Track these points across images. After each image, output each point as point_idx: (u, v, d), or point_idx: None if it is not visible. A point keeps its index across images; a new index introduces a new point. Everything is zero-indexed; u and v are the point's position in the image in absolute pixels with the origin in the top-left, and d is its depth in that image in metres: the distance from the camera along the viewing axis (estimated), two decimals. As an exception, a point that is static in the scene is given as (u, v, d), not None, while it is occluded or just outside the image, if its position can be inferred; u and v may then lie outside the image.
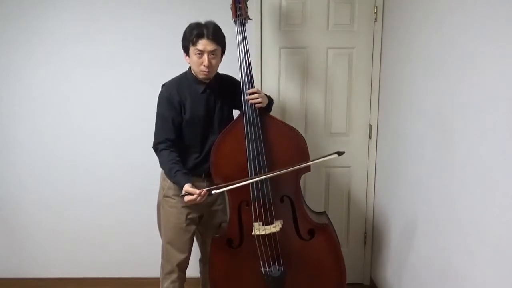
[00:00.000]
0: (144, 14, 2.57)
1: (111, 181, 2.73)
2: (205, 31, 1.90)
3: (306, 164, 1.93)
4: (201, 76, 1.99)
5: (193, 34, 1.91)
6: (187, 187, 1.87)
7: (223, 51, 2.01)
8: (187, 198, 1.86)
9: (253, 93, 1.96)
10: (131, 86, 2.64)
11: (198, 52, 1.92)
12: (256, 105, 1.96)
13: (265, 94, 2.07)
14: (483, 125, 1.47)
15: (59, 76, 2.63)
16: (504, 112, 1.35)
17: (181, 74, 2.10)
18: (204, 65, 1.92)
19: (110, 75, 2.63)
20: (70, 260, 2.82)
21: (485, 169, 1.45)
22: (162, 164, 2.01)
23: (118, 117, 2.67)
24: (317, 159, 1.94)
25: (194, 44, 1.91)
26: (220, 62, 2.03)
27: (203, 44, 1.90)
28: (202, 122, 2.04)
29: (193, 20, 1.99)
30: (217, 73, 2.11)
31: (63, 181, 2.73)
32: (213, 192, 1.85)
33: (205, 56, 1.91)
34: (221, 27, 2.00)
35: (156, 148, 2.03)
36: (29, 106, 2.67)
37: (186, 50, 1.98)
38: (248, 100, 1.96)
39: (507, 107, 1.33)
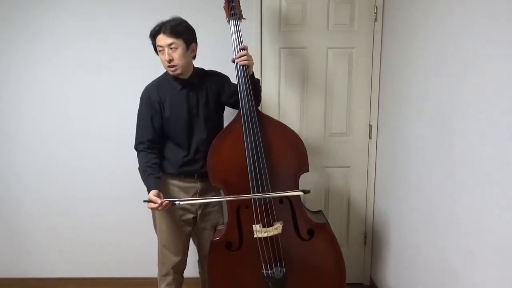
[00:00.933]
0: (144, 14, 2.56)
1: (111, 181, 2.73)
2: (162, 28, 1.92)
3: (279, 194, 1.98)
4: (170, 72, 1.98)
5: (152, 33, 1.95)
6: (151, 194, 1.88)
7: (188, 42, 1.95)
8: (149, 205, 1.88)
9: (242, 55, 1.95)
10: (131, 86, 2.63)
11: (160, 48, 1.94)
12: (241, 62, 1.94)
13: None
14: (483, 125, 1.47)
15: (59, 76, 2.63)
16: (504, 112, 1.35)
17: (161, 75, 2.10)
18: (166, 60, 1.93)
19: (110, 75, 2.63)
20: (70, 260, 2.82)
21: (485, 169, 1.45)
22: (139, 165, 2.02)
23: (118, 116, 2.67)
24: (282, 193, 1.98)
25: (155, 42, 1.95)
26: (191, 55, 2.00)
27: (160, 39, 1.92)
28: (185, 119, 2.02)
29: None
30: (202, 69, 2.10)
31: (63, 181, 2.73)
32: (176, 203, 1.88)
33: (166, 50, 1.91)
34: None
35: (136, 148, 2.05)
36: (29, 106, 2.67)
37: (156, 51, 2.00)
38: (236, 59, 1.95)
39: (507, 107, 1.33)
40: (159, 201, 1.85)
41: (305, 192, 1.90)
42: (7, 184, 2.75)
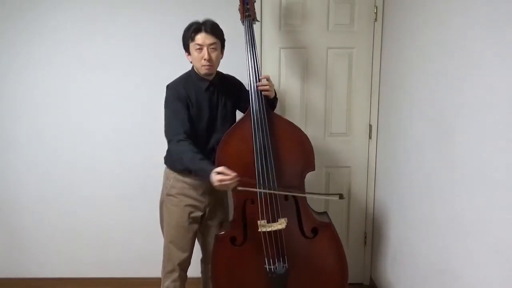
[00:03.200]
0: (144, 14, 2.57)
1: (111, 181, 2.73)
2: (202, 26, 1.95)
3: (304, 194, 2.00)
4: (203, 71, 2.00)
5: (191, 30, 1.96)
6: (223, 168, 1.78)
7: (222, 45, 2.03)
8: (219, 177, 1.76)
9: (264, 84, 1.98)
10: (131, 85, 2.64)
11: (198, 47, 1.95)
12: (263, 92, 1.98)
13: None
14: (483, 125, 1.47)
15: (59, 76, 2.63)
16: (504, 112, 1.35)
17: (184, 74, 2.12)
18: (204, 59, 1.95)
19: (110, 75, 2.63)
20: (70, 260, 2.82)
21: (485, 169, 1.46)
22: (182, 153, 1.91)
23: (118, 116, 2.67)
24: (317, 194, 2.01)
25: (193, 39, 1.95)
26: (221, 58, 2.05)
27: (202, 38, 1.94)
28: (206, 119, 2.06)
29: (192, 20, 2.00)
30: (221, 72, 2.15)
31: (63, 181, 2.73)
32: (238, 188, 1.80)
33: (205, 50, 1.95)
34: (221, 28, 2.02)
35: (171, 139, 1.95)
36: (29, 106, 2.67)
37: (187, 48, 2.01)
38: (258, 86, 1.98)
39: (507, 107, 1.33)
40: (233, 173, 1.76)
41: (341, 197, 1.91)
42: (7, 184, 2.75)
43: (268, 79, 2.02)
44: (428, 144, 1.91)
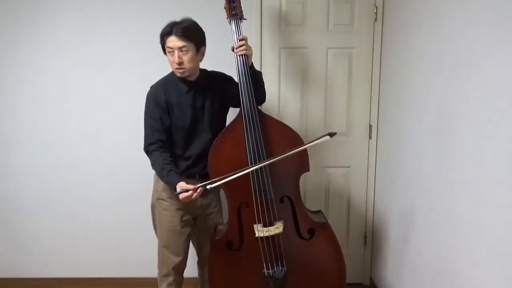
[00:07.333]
0: (144, 14, 2.57)
1: (111, 181, 2.73)
2: (174, 29, 1.88)
3: (302, 148, 1.89)
4: (177, 74, 1.97)
5: (163, 33, 1.92)
6: (182, 183, 1.83)
7: (198, 46, 1.95)
8: (182, 195, 1.80)
9: (241, 45, 1.95)
10: (130, 86, 2.64)
11: (170, 50, 1.91)
12: (239, 53, 1.95)
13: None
14: (483, 125, 1.47)
15: (59, 76, 2.63)
16: (504, 112, 1.35)
17: (167, 75, 2.08)
18: (175, 62, 1.91)
19: (109, 75, 2.63)
20: (70, 260, 2.82)
21: (485, 169, 1.45)
22: (153, 165, 1.99)
23: (118, 117, 2.67)
24: (310, 142, 1.89)
25: (165, 42, 1.92)
26: (200, 59, 1.99)
27: (172, 41, 1.89)
28: (190, 122, 2.02)
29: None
30: (206, 70, 2.10)
31: (63, 181, 2.73)
32: (208, 187, 1.80)
33: (176, 53, 1.89)
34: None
35: (147, 149, 2.01)
36: (29, 106, 2.66)
37: (164, 50, 1.98)
38: (236, 53, 1.95)
39: (507, 107, 1.33)
40: (192, 187, 1.79)
41: (331, 135, 1.84)
42: (7, 184, 2.75)
43: (245, 40, 1.97)
44: (428, 143, 1.91)
